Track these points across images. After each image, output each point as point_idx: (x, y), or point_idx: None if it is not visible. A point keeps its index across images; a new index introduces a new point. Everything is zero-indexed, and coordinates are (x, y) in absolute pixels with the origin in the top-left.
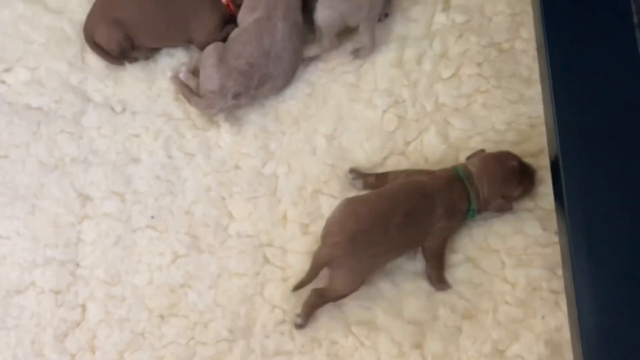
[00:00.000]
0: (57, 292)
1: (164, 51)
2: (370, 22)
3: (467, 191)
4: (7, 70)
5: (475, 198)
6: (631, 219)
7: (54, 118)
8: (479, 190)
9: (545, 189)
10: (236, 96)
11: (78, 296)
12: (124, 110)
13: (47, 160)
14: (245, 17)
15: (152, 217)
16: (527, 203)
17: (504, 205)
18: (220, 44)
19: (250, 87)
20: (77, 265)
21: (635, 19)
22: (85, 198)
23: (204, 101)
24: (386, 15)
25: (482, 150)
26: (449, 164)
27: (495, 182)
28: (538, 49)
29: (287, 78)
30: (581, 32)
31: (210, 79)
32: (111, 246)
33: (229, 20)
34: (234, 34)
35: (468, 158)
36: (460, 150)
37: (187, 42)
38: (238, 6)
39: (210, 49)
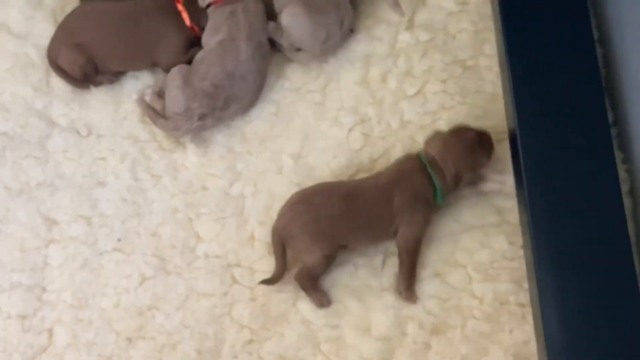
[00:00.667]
0: (23, 317)
1: (130, 74)
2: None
3: (429, 176)
4: None
5: (440, 181)
6: (593, 230)
7: (19, 143)
8: (444, 172)
9: (510, 204)
10: (202, 117)
11: (45, 321)
12: (89, 133)
13: (12, 185)
14: (209, 39)
15: (119, 239)
16: (493, 217)
17: (475, 178)
18: (185, 66)
19: (215, 109)
20: (44, 289)
21: (595, 34)
22: (51, 222)
23: (170, 123)
24: (352, 30)
25: (438, 131)
26: None
27: (461, 157)
28: (500, 66)
29: (253, 98)
30: (542, 48)
31: (175, 100)
32: (78, 270)
33: (194, 42)
34: (199, 56)
35: (427, 142)
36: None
37: (152, 65)
38: (202, 28)
39: (175, 71)
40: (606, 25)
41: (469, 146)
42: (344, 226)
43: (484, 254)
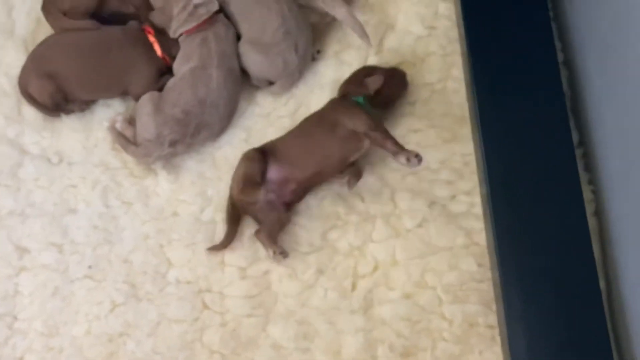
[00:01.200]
0: None
1: (101, 102)
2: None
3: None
4: None
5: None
6: (559, 252)
7: None
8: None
9: (478, 225)
10: (173, 144)
11: (16, 349)
12: (60, 161)
13: None
14: (180, 67)
15: (90, 267)
16: (463, 239)
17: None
18: (155, 92)
19: (186, 135)
20: (15, 318)
21: (560, 57)
22: (22, 250)
23: (141, 150)
24: (318, 51)
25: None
26: (384, 201)
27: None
28: (467, 89)
29: (224, 125)
30: (508, 70)
31: (146, 127)
32: (49, 297)
33: (165, 71)
34: (170, 83)
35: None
36: (395, 190)
37: (123, 94)
38: (173, 57)
39: (146, 98)
40: (570, 47)
41: (365, 68)
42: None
43: (453, 275)
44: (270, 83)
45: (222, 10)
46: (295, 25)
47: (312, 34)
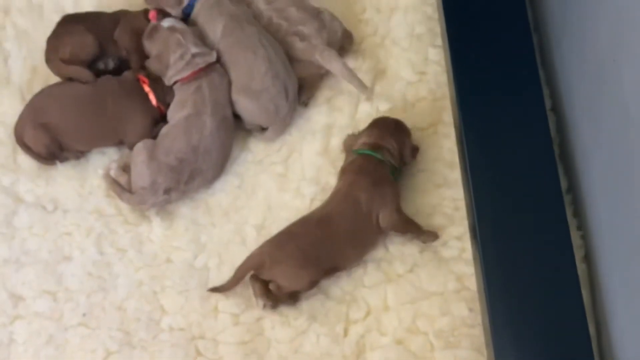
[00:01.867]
0: None
1: (96, 149)
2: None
3: (378, 161)
4: None
5: (389, 158)
6: (548, 298)
7: None
8: (389, 150)
9: (469, 270)
10: (167, 191)
11: None
12: (55, 209)
13: None
14: (174, 114)
15: (84, 314)
16: (454, 284)
17: (414, 148)
18: (149, 140)
19: (180, 182)
20: None
21: (548, 103)
22: (17, 298)
23: (136, 197)
24: (309, 97)
25: (354, 134)
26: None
27: (396, 132)
28: (456, 133)
29: (217, 172)
30: (496, 116)
31: (141, 175)
32: (43, 345)
33: (159, 119)
34: (164, 130)
35: (358, 136)
36: (387, 235)
37: (118, 144)
38: (168, 105)
39: (140, 146)
40: (558, 93)
41: (395, 123)
42: (328, 248)
43: (445, 321)
44: (263, 129)
45: (219, 60)
46: (283, 69)
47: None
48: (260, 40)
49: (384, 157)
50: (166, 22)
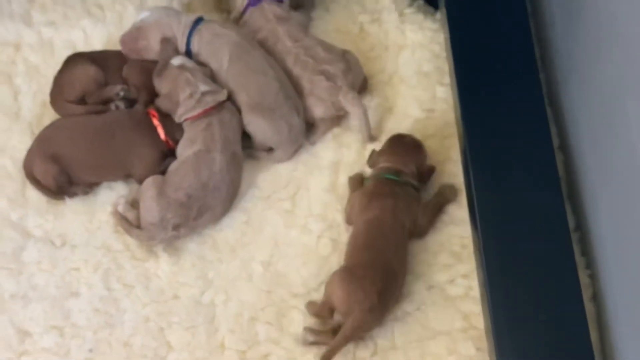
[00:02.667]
0: None
1: (104, 184)
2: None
3: (403, 184)
4: None
5: (412, 177)
6: (556, 338)
7: None
8: (408, 173)
9: (477, 308)
10: (176, 227)
11: None
12: (63, 244)
13: None
14: (184, 150)
15: (90, 350)
16: (461, 323)
17: (431, 167)
18: (158, 176)
19: (189, 218)
20: None
21: (556, 142)
22: (24, 334)
23: (145, 233)
24: (318, 139)
25: (374, 150)
26: None
27: (416, 153)
28: (464, 172)
29: (225, 208)
30: (504, 155)
31: (150, 211)
32: None
33: (167, 154)
34: (173, 166)
35: (380, 159)
36: None
37: (126, 176)
38: (176, 141)
39: (149, 181)
40: (566, 132)
41: (414, 145)
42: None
43: None
44: (271, 149)
45: (230, 97)
46: (292, 90)
47: None
48: (268, 63)
49: (407, 180)
50: (176, 61)
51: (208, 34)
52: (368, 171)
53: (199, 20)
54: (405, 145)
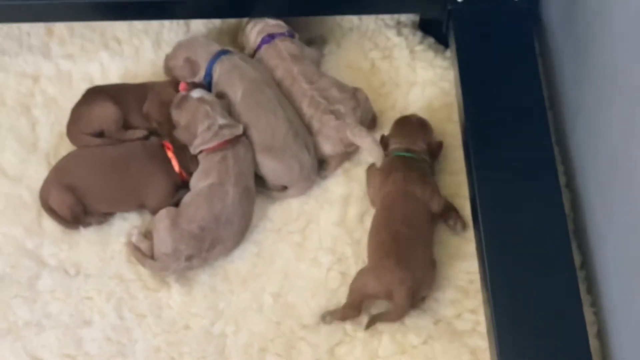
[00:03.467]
0: None
1: (118, 215)
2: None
3: (415, 161)
4: None
5: (423, 154)
6: None
7: (9, 283)
8: (419, 151)
9: (483, 343)
10: (189, 258)
11: None
12: (77, 273)
13: (0, 325)
14: (198, 182)
15: None
16: (468, 357)
17: (439, 142)
18: (172, 208)
19: (202, 250)
20: None
21: (562, 180)
22: None
23: (159, 263)
24: (326, 169)
25: (383, 135)
26: None
27: (424, 131)
28: (471, 208)
29: (237, 240)
30: (510, 191)
31: (163, 242)
32: None
33: (180, 186)
34: (187, 198)
35: (391, 138)
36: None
37: (139, 207)
38: (190, 173)
39: (163, 213)
40: (572, 171)
41: (419, 123)
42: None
43: None
44: (284, 187)
45: (245, 134)
46: (302, 128)
47: None
48: (279, 102)
49: (418, 156)
50: (196, 93)
51: (228, 64)
52: None
53: (225, 52)
54: (411, 125)
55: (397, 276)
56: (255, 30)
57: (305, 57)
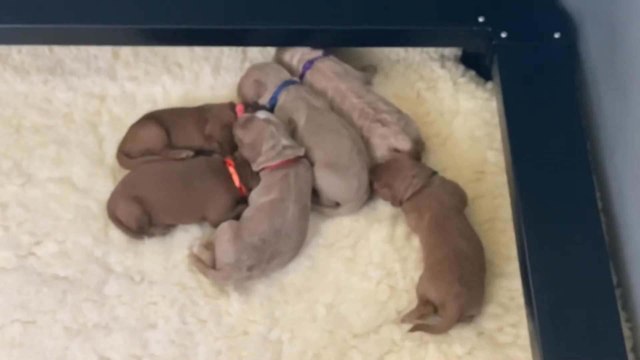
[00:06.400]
0: None
1: (180, 227)
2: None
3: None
4: (37, 243)
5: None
6: None
7: (79, 287)
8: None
9: (524, 355)
10: (250, 269)
11: None
12: (142, 280)
13: (71, 326)
14: (259, 198)
15: None
16: None
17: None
18: (234, 222)
19: (262, 261)
20: None
21: (600, 205)
22: None
23: (221, 273)
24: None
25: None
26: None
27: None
28: (515, 229)
29: (294, 254)
30: (552, 213)
31: (226, 253)
32: None
33: (240, 200)
34: (248, 212)
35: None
36: None
37: (201, 219)
38: (249, 189)
39: (226, 225)
40: (609, 197)
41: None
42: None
43: None
44: (337, 204)
45: (305, 155)
46: (363, 147)
47: None
48: (341, 123)
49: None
50: (262, 115)
51: (295, 93)
52: None
53: (293, 82)
54: (387, 168)
55: (454, 290)
56: (295, 59)
57: (348, 74)
